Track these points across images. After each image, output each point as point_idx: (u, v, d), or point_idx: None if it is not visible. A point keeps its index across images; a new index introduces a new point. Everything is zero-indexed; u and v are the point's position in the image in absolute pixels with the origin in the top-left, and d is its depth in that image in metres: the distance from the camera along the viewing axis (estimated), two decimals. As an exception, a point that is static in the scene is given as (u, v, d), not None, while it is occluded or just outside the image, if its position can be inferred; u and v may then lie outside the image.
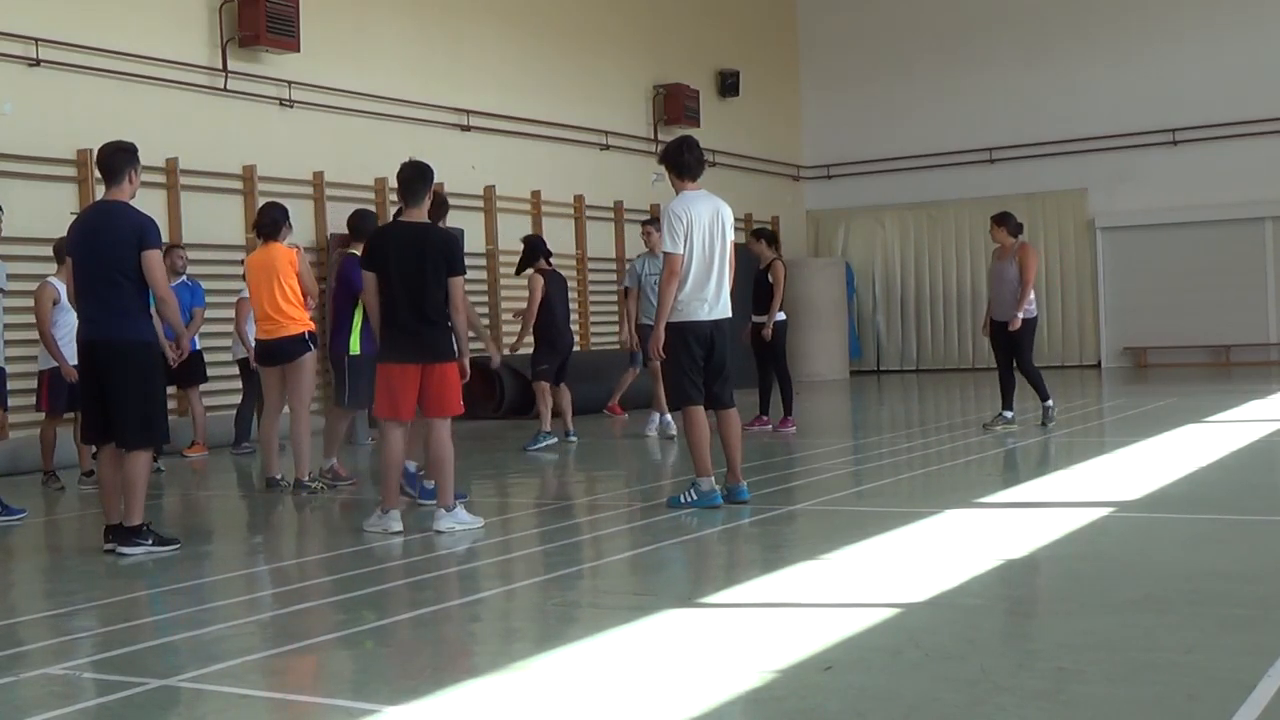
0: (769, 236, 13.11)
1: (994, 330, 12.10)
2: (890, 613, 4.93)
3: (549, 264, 12.29)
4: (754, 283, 12.81)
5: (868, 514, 7.80)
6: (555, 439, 11.99)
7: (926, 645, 4.49)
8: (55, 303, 9.65)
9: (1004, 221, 12.14)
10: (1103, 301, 23.58)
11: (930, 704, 3.84)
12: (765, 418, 12.85)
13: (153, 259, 6.97)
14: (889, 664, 4.29)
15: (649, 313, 11.29)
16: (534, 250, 12.29)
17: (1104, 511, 7.22)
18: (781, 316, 12.60)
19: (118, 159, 7.14)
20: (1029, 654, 4.33)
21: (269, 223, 9.47)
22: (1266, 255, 22.27)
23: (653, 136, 21.05)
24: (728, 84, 23.10)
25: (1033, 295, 11.97)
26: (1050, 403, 12.17)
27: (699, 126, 21.38)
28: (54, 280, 9.73)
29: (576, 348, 10.13)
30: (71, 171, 13.01)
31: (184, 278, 11.84)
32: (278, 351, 9.36)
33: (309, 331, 9.40)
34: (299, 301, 9.36)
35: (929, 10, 24.62)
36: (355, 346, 9.22)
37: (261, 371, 9.64)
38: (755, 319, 12.75)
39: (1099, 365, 23.49)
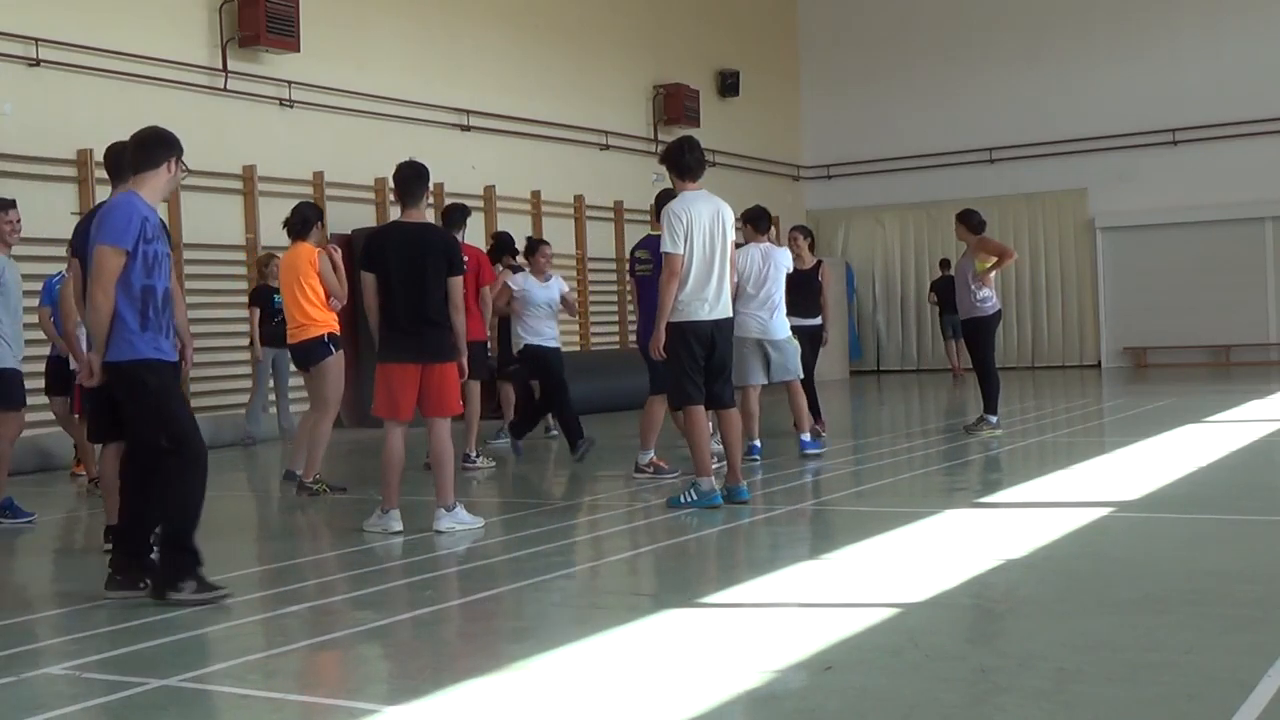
0: (812, 235, 12.24)
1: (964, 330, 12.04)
2: (890, 613, 4.93)
3: (513, 260, 12.05)
4: (790, 285, 12.16)
5: (868, 514, 7.80)
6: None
7: (926, 645, 4.50)
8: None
9: (966, 219, 11.88)
10: (1103, 301, 23.58)
11: (930, 704, 3.84)
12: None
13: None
14: (889, 664, 4.29)
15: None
16: (499, 247, 12.18)
17: (1104, 511, 7.22)
18: (818, 320, 11.81)
19: (124, 159, 7.15)
20: (1029, 654, 4.32)
21: (298, 221, 9.26)
22: (1266, 255, 22.27)
23: (653, 136, 21.05)
24: (728, 84, 23.09)
25: (989, 292, 11.59)
26: (992, 418, 11.58)
27: (699, 126, 21.37)
28: None
29: (576, 347, 10.01)
30: (71, 171, 13.01)
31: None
32: (301, 354, 9.26)
33: (329, 333, 9.17)
34: (321, 302, 9.17)
35: (929, 10, 24.63)
36: None
37: (302, 374, 9.51)
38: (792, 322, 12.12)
39: (1099, 365, 23.49)
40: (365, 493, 9.04)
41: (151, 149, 5.83)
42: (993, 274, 11.61)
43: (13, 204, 8.46)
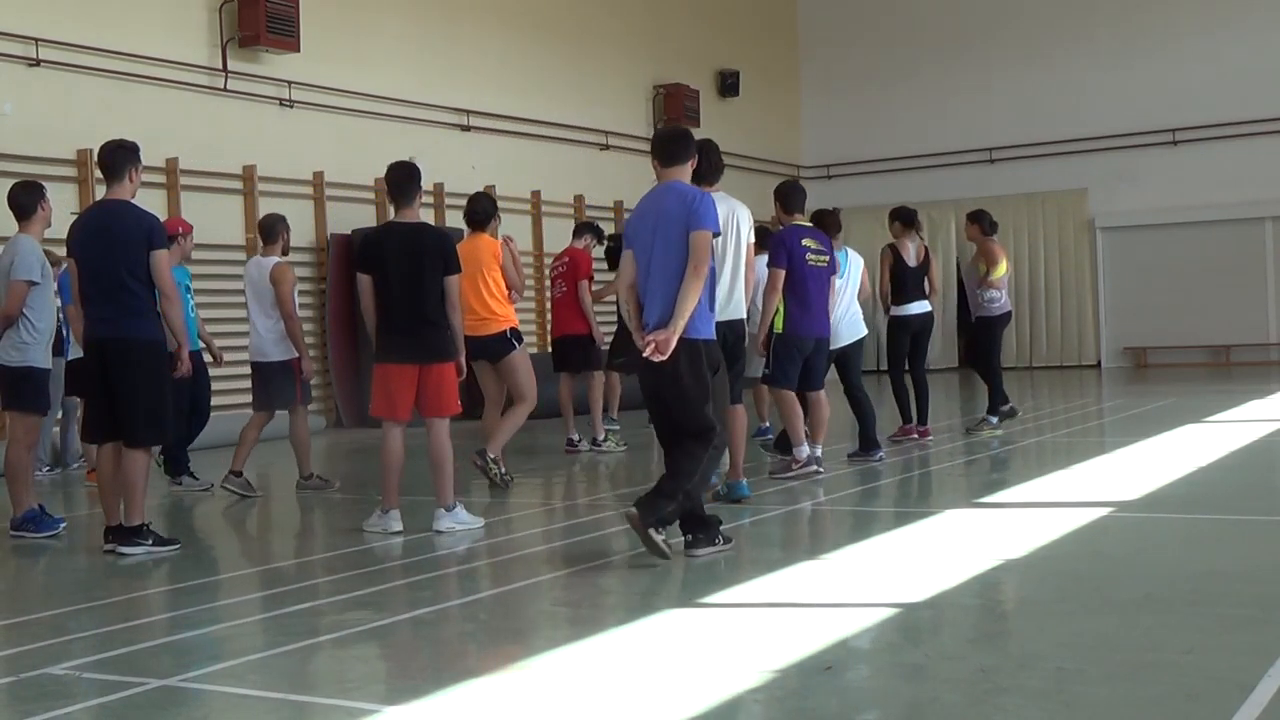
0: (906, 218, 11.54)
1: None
2: (890, 613, 4.93)
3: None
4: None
5: (868, 514, 7.80)
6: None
7: (926, 645, 4.50)
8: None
9: (979, 219, 11.95)
10: (1103, 301, 23.58)
11: (930, 704, 3.85)
12: (908, 426, 11.55)
13: (161, 259, 6.98)
14: (889, 664, 4.29)
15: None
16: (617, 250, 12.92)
17: (1104, 511, 7.22)
18: (924, 308, 11.44)
19: (119, 157, 7.14)
20: (1029, 654, 4.32)
21: (479, 213, 9.23)
22: (1266, 255, 22.28)
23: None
24: (728, 84, 23.10)
25: (996, 293, 11.73)
26: (993, 419, 11.70)
27: (699, 126, 21.37)
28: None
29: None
30: (71, 171, 13.02)
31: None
32: (482, 350, 9.13)
33: (512, 328, 9.18)
34: (503, 295, 9.16)
35: (929, 10, 24.63)
36: (779, 325, 8.88)
37: (474, 366, 9.19)
38: (894, 312, 11.52)
39: (1099, 365, 23.49)
40: (365, 493, 9.05)
41: (687, 143, 6.44)
42: (999, 276, 11.67)
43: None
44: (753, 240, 7.93)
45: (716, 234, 6.21)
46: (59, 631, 5.27)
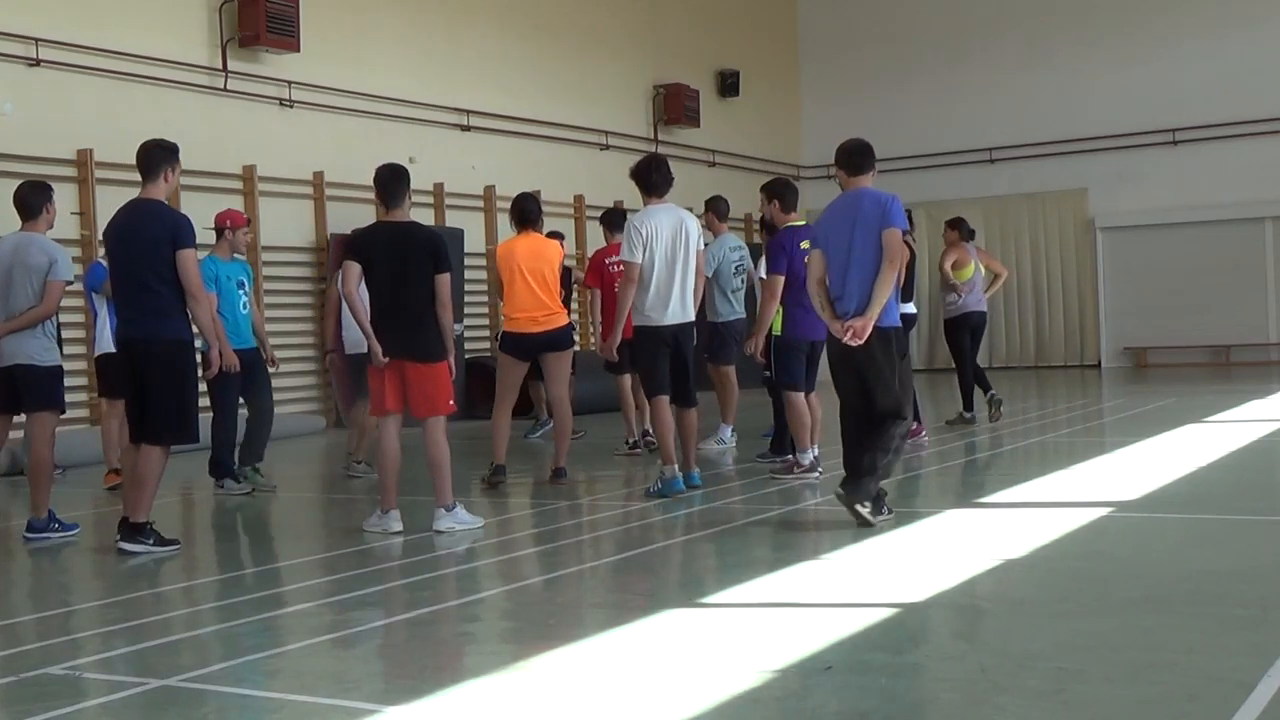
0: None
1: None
2: (890, 613, 4.93)
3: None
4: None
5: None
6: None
7: (926, 645, 4.50)
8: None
9: (956, 225, 12.55)
10: (1103, 301, 23.57)
11: (930, 704, 3.85)
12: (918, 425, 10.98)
13: (186, 258, 6.93)
14: (889, 664, 4.29)
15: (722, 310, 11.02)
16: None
17: (1104, 511, 7.22)
18: (909, 309, 10.82)
19: (155, 156, 7.14)
20: (1029, 654, 4.32)
21: (535, 210, 9.63)
22: (1266, 255, 22.27)
23: (653, 137, 21.05)
24: (728, 84, 23.10)
25: (954, 296, 12.31)
26: (969, 414, 12.31)
27: (699, 126, 21.44)
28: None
29: (577, 347, 9.97)
30: (71, 171, 13.01)
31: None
32: (551, 342, 9.28)
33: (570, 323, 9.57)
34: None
35: (929, 10, 24.62)
36: (778, 327, 9.07)
37: (509, 363, 9.29)
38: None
39: (1099, 365, 23.49)
40: (365, 492, 9.05)
41: (871, 155, 7.07)
42: (963, 281, 12.30)
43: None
44: (702, 247, 8.53)
45: (906, 231, 6.91)
46: (59, 631, 5.27)
